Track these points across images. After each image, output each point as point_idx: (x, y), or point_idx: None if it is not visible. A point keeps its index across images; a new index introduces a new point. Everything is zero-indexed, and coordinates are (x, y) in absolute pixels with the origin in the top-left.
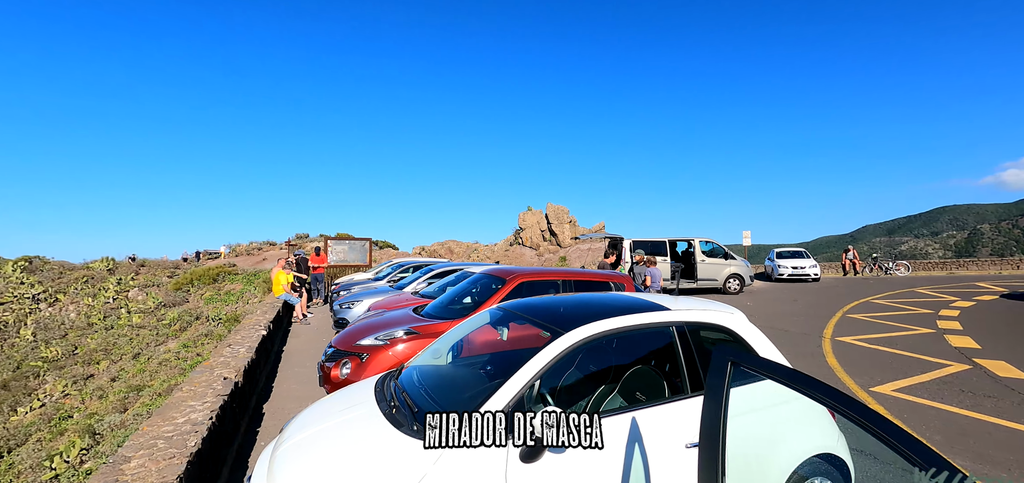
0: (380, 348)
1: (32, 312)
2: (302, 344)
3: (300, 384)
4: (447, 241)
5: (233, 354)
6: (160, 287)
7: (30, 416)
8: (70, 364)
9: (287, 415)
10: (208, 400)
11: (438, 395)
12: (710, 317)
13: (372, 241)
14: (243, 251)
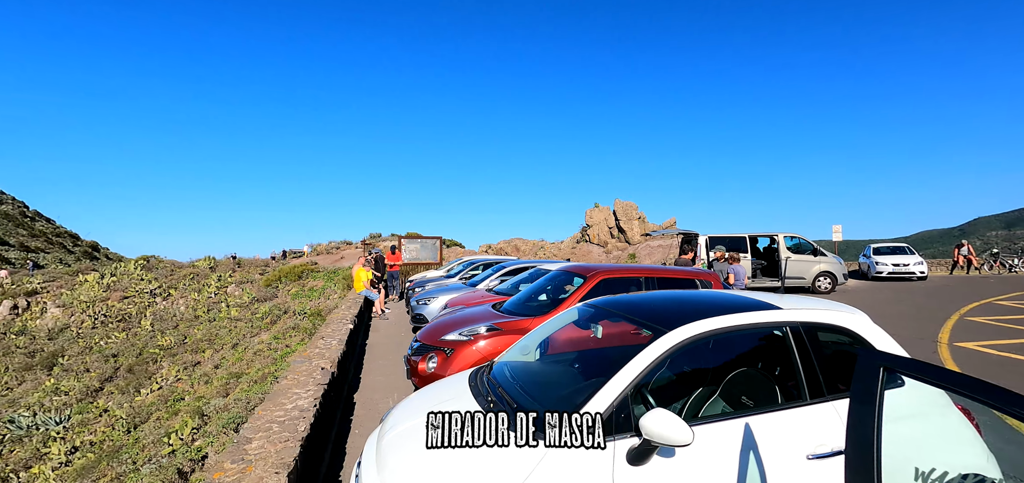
0: (464, 343)
1: (150, 305)
2: (382, 338)
3: (385, 375)
4: (513, 239)
5: (326, 346)
6: (253, 283)
7: (151, 397)
8: (181, 352)
9: (376, 404)
10: (310, 389)
11: (534, 392)
12: (830, 317)
13: (442, 240)
14: (323, 250)
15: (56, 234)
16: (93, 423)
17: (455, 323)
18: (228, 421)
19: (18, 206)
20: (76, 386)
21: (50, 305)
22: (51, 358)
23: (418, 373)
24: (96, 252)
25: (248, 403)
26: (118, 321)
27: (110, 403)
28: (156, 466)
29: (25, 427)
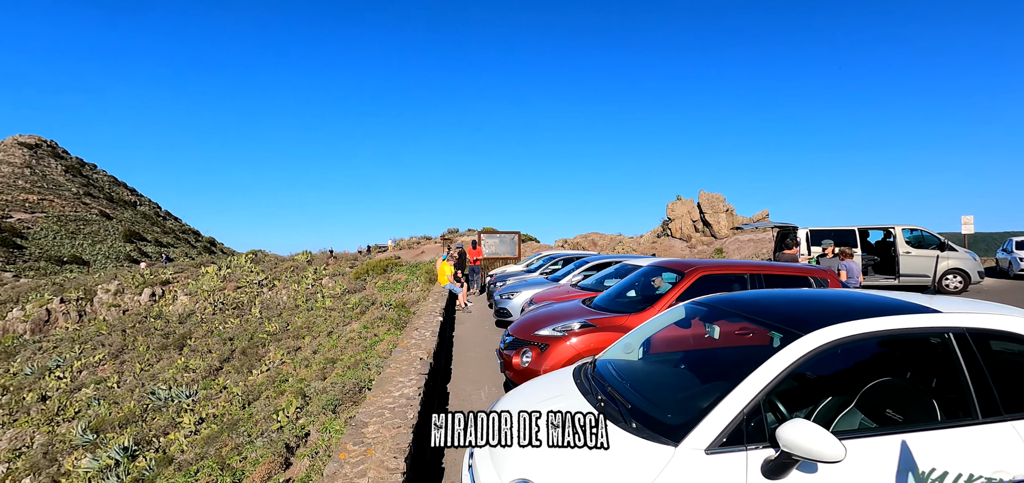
0: (558, 339)
1: (258, 295)
2: (468, 331)
3: (474, 367)
4: (590, 233)
5: (421, 337)
6: (344, 276)
7: (261, 377)
8: (284, 337)
9: (468, 395)
10: (413, 378)
11: (648, 392)
12: (1006, 323)
13: (520, 234)
14: (405, 245)
15: (182, 231)
16: (215, 398)
17: (547, 318)
18: (326, 403)
19: (153, 207)
20: (201, 365)
21: (180, 293)
22: (181, 339)
23: (512, 367)
24: (213, 246)
25: (343, 387)
26: (233, 308)
27: (228, 381)
28: (268, 440)
29: (163, 398)
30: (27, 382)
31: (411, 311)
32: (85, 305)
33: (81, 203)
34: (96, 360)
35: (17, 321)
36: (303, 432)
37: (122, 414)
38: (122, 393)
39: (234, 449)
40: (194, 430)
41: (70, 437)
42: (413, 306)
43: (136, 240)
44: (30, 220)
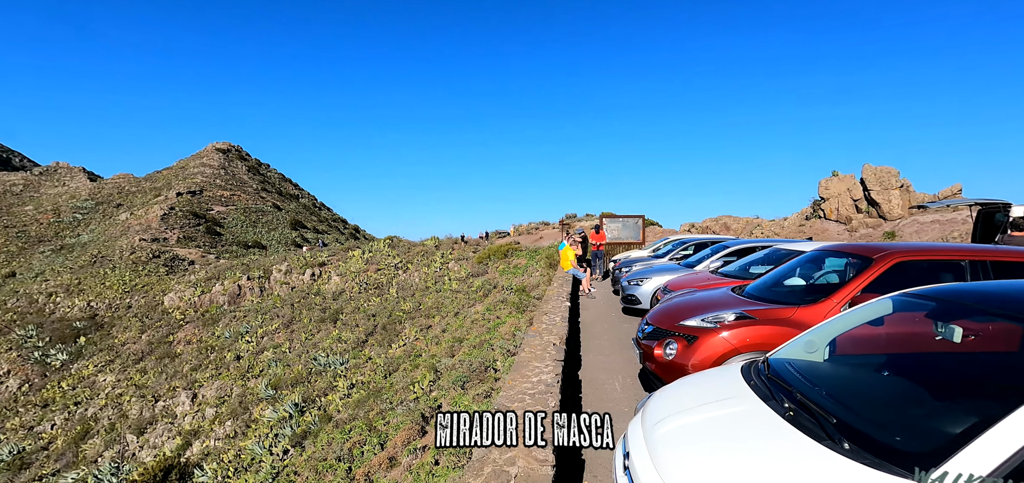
0: (709, 331)
1: (395, 277)
2: (593, 317)
3: (604, 355)
4: (721, 217)
5: (551, 322)
6: (468, 260)
7: (398, 351)
8: (417, 316)
9: (601, 384)
10: (549, 364)
11: (855, 405)
12: None
13: (644, 218)
14: (524, 230)
15: (333, 220)
16: (362, 367)
17: (693, 307)
18: (456, 379)
19: (311, 199)
20: (351, 337)
21: (333, 274)
22: (335, 314)
23: (654, 359)
24: (358, 233)
25: (470, 366)
26: (374, 288)
27: (372, 353)
28: (406, 408)
29: (322, 364)
30: (226, 344)
31: (531, 295)
32: (264, 282)
33: (259, 197)
34: (273, 328)
35: (218, 294)
36: (436, 404)
37: (293, 375)
38: (292, 357)
39: (379, 413)
40: (347, 393)
41: (257, 391)
42: (533, 290)
43: (299, 228)
44: (225, 212)
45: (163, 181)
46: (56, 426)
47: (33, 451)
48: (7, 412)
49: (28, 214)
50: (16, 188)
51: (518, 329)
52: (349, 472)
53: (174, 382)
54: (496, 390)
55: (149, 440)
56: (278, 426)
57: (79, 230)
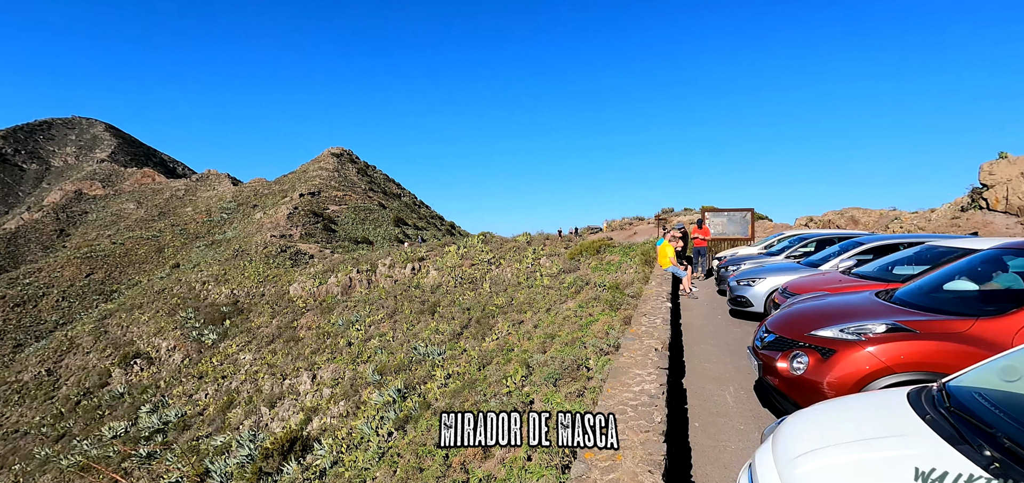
0: (850, 344)
1: (488, 272)
2: (696, 319)
3: (711, 362)
4: (847, 209)
5: (651, 324)
6: (559, 256)
7: (491, 345)
8: (509, 311)
9: (710, 395)
10: (651, 372)
11: None
12: None
13: (754, 212)
14: (617, 226)
15: (431, 217)
16: (457, 358)
17: (828, 314)
18: (548, 376)
19: (411, 197)
20: (447, 329)
21: (431, 268)
22: (433, 306)
23: (777, 373)
24: (453, 229)
25: (562, 363)
26: (469, 283)
27: (467, 345)
28: (499, 401)
29: (422, 354)
30: (339, 331)
31: (625, 293)
32: (371, 275)
33: (367, 196)
34: (378, 318)
35: (333, 285)
36: (528, 399)
37: (396, 362)
38: (395, 346)
39: (473, 404)
40: (444, 383)
41: (365, 375)
42: (627, 288)
43: (401, 224)
44: (338, 211)
45: (288, 184)
46: (208, 395)
47: (192, 415)
48: (173, 381)
49: (188, 214)
50: (179, 193)
51: (611, 327)
52: (446, 458)
53: (297, 363)
54: (590, 390)
55: (278, 413)
56: (383, 409)
57: (225, 228)
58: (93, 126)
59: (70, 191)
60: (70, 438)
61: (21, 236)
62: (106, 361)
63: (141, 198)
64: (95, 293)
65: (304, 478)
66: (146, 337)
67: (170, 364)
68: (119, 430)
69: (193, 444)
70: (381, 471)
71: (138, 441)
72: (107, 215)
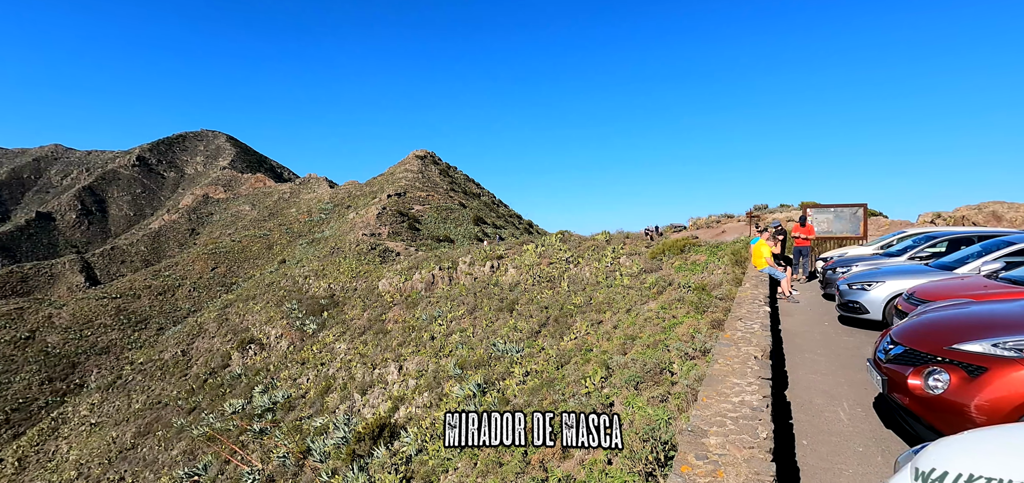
0: (1008, 363)
1: (566, 270)
2: (799, 325)
3: (819, 374)
4: (987, 204)
5: (748, 330)
6: (640, 255)
7: (569, 344)
8: (588, 311)
9: (820, 410)
10: (752, 382)
11: None
12: None
13: (867, 208)
14: (703, 224)
15: (510, 215)
16: (535, 356)
17: (975, 325)
18: (628, 378)
19: (490, 196)
20: (525, 327)
21: (509, 266)
22: (511, 304)
23: (908, 391)
24: (531, 228)
25: (644, 366)
26: (546, 281)
27: (545, 343)
28: (578, 402)
29: (501, 350)
30: (423, 325)
31: (713, 295)
32: (452, 272)
33: (449, 196)
34: (459, 314)
35: (417, 282)
36: (607, 401)
37: (475, 357)
38: (475, 341)
39: (552, 404)
40: (522, 380)
41: (447, 369)
42: (715, 290)
43: (480, 223)
44: (422, 210)
45: (378, 185)
46: (309, 380)
47: (296, 398)
48: (280, 366)
49: (292, 215)
50: (285, 196)
51: (697, 331)
52: (525, 455)
53: (386, 354)
54: (674, 395)
55: (369, 400)
56: (465, 402)
57: (323, 227)
58: (217, 138)
59: (199, 195)
60: (199, 411)
61: (162, 234)
62: (227, 345)
63: (254, 201)
64: (218, 285)
65: (392, 463)
66: (258, 325)
67: (278, 350)
68: (237, 406)
69: (296, 423)
70: (462, 462)
71: (252, 417)
72: (227, 216)
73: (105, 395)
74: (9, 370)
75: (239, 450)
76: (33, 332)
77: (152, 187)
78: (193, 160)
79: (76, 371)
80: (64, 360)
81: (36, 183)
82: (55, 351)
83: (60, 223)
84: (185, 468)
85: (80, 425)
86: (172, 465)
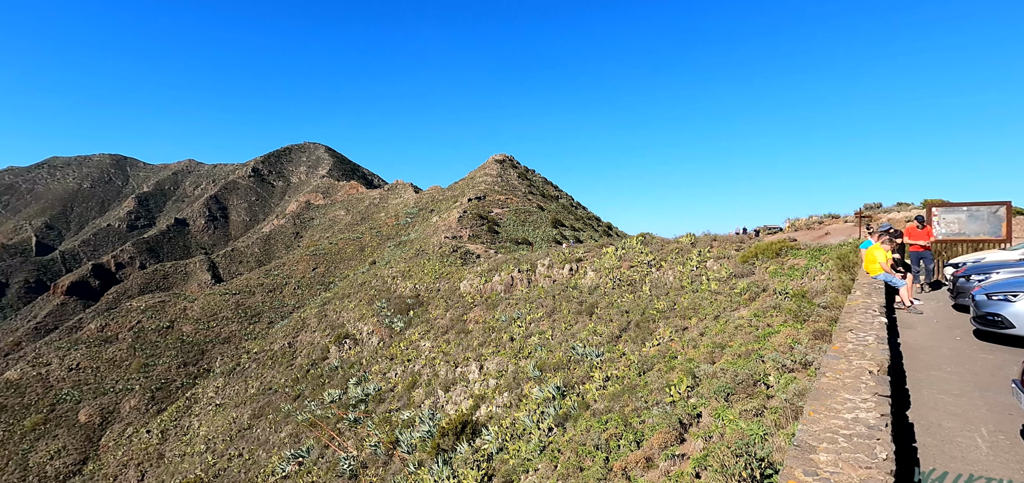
0: None
1: (647, 274)
2: (923, 339)
3: (950, 394)
4: None
5: (860, 342)
6: (729, 259)
7: (652, 350)
8: (672, 316)
9: (952, 435)
10: (867, 399)
11: None
12: None
13: (1011, 206)
14: (802, 226)
15: (588, 218)
16: (616, 361)
17: None
18: (718, 389)
19: (568, 198)
20: (605, 331)
21: (588, 269)
22: (590, 308)
23: None
24: (610, 230)
25: (735, 376)
26: (627, 285)
27: (626, 349)
28: (662, 410)
29: (580, 354)
30: (502, 326)
31: (814, 303)
32: (531, 274)
33: (527, 199)
34: (538, 316)
35: (497, 284)
36: (694, 412)
37: (554, 360)
38: (554, 344)
39: (634, 410)
40: (602, 385)
41: (526, 370)
42: (817, 297)
43: (558, 226)
44: (501, 214)
45: (459, 190)
46: (397, 375)
47: (385, 391)
48: (372, 360)
49: (381, 219)
50: (375, 201)
51: (797, 341)
52: (606, 462)
53: (467, 353)
54: (771, 409)
55: (452, 397)
56: (544, 404)
57: (408, 230)
58: (317, 149)
59: (302, 202)
60: (303, 398)
61: (272, 237)
62: (326, 339)
63: (348, 206)
64: (318, 283)
65: (474, 459)
66: (352, 321)
67: (369, 345)
68: (334, 396)
69: (386, 415)
70: (543, 464)
71: (347, 407)
72: (326, 221)
73: (227, 380)
74: (154, 354)
75: (337, 436)
76: (172, 322)
77: (264, 195)
78: (297, 170)
79: (205, 357)
80: (195, 347)
81: (174, 193)
82: (189, 339)
83: (192, 227)
84: (291, 449)
85: (207, 405)
86: (280, 446)
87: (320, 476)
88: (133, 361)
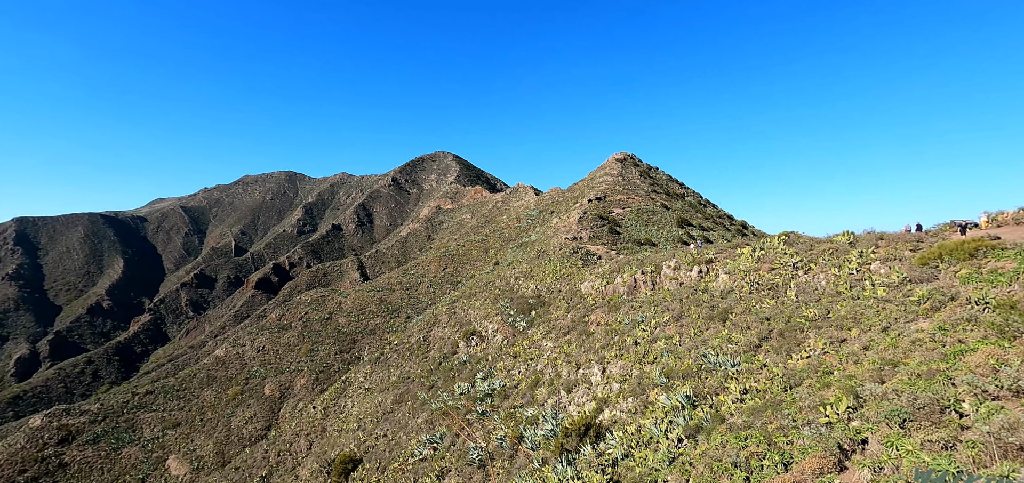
0: None
1: (792, 277)
2: None
3: None
4: None
5: None
6: (901, 261)
7: (800, 363)
8: (825, 325)
9: None
10: None
11: None
12: None
13: None
14: (1007, 220)
15: (718, 216)
16: (755, 373)
17: None
18: (890, 413)
19: (696, 196)
20: (741, 339)
21: (721, 271)
22: (724, 313)
23: None
24: (745, 229)
25: (915, 400)
26: (767, 289)
27: (767, 360)
28: (815, 432)
29: (713, 362)
30: (625, 329)
31: None
32: (655, 276)
33: (650, 198)
34: (664, 320)
35: (619, 285)
36: (858, 437)
37: (683, 367)
38: (682, 350)
39: (779, 429)
40: (740, 398)
41: (651, 376)
42: None
43: (685, 225)
44: (623, 214)
45: (578, 191)
46: (520, 373)
47: (509, 387)
48: (496, 357)
49: (504, 222)
50: (498, 205)
51: (1004, 362)
52: (747, 481)
53: (589, 355)
54: (965, 443)
55: (574, 398)
56: (672, 413)
57: (530, 232)
58: (445, 158)
59: (433, 207)
60: (436, 389)
61: (408, 241)
62: (455, 335)
63: (473, 210)
64: (448, 283)
65: (598, 463)
66: (478, 319)
67: (494, 343)
68: (463, 389)
69: (511, 411)
70: (672, 476)
71: (475, 400)
72: (453, 224)
73: (373, 367)
74: (318, 341)
75: (467, 427)
76: (331, 314)
77: (401, 201)
78: (429, 178)
79: (355, 346)
80: (348, 337)
81: (331, 202)
82: (343, 330)
83: (345, 232)
84: (427, 435)
85: (358, 389)
86: (417, 431)
87: (452, 462)
88: (302, 346)
